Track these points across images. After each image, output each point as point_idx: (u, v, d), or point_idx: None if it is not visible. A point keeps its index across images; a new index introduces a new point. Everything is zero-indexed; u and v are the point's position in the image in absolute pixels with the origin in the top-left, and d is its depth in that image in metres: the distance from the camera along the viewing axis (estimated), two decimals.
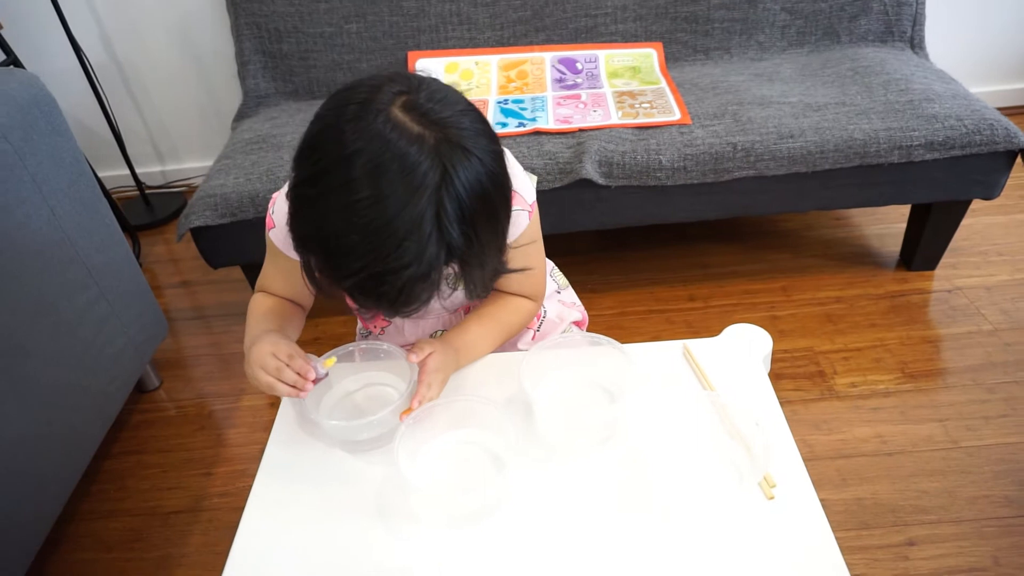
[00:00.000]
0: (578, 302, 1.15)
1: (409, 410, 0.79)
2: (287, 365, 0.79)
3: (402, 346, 0.88)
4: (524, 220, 0.88)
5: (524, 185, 0.88)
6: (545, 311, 1.07)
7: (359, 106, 0.64)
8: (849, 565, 0.66)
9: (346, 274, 0.66)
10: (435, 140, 0.63)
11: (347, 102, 0.65)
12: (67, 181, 1.35)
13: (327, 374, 0.82)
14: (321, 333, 1.89)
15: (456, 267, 0.69)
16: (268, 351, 0.80)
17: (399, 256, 0.63)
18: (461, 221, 0.64)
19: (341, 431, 0.82)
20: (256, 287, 0.97)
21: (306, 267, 0.72)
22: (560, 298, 1.12)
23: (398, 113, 0.64)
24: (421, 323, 1.01)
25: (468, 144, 0.65)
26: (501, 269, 0.77)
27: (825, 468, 1.39)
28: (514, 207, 0.85)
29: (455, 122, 0.65)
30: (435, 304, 0.96)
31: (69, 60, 2.17)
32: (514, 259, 0.88)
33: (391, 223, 0.62)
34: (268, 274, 0.95)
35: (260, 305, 0.93)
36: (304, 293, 0.96)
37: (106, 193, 2.21)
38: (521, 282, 0.95)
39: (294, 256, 0.89)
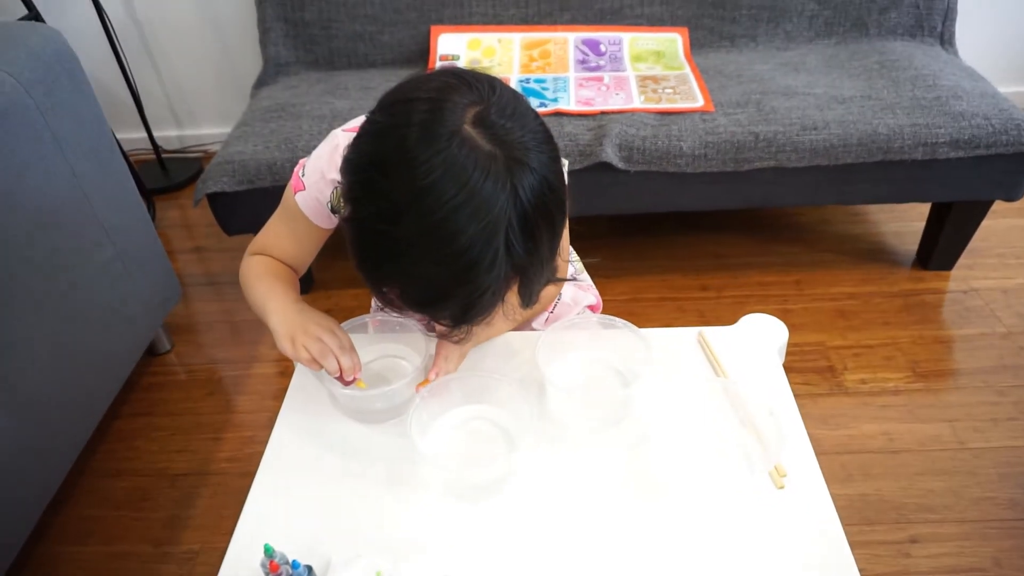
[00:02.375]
0: (593, 286, 1.15)
1: (426, 381, 0.80)
2: (336, 355, 0.79)
3: (419, 320, 0.88)
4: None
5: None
6: (560, 293, 1.07)
7: (426, 120, 0.60)
8: None
9: (438, 312, 0.67)
10: (504, 159, 0.61)
11: (410, 113, 0.61)
12: (88, 140, 1.35)
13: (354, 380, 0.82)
14: (334, 305, 1.89)
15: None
16: (329, 328, 0.80)
17: (483, 285, 0.63)
18: (526, 239, 0.63)
19: (355, 400, 0.83)
20: (255, 248, 0.94)
21: (378, 292, 0.70)
22: (576, 281, 1.12)
23: (469, 131, 0.60)
24: None
25: (533, 159, 0.63)
26: (553, 278, 0.75)
27: (831, 463, 1.39)
28: None
29: (523, 139, 0.63)
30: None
31: (89, 17, 2.15)
32: None
33: (476, 259, 0.61)
34: (277, 234, 0.92)
35: (272, 268, 0.91)
36: (309, 260, 0.95)
37: (124, 155, 2.22)
38: None
39: (318, 223, 0.89)
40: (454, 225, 0.59)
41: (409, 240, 0.61)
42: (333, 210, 0.87)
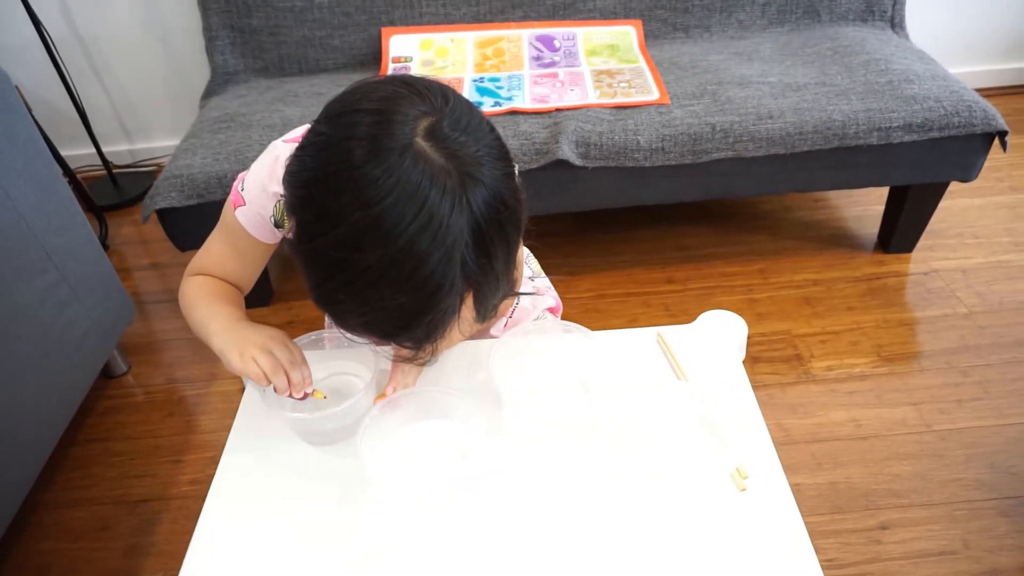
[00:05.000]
0: (552, 287, 1.13)
1: (383, 395, 0.78)
2: (286, 370, 0.76)
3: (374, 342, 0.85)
4: None
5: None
6: (518, 298, 1.05)
7: (375, 133, 0.57)
8: (822, 549, 0.65)
9: (403, 339, 0.64)
10: (458, 174, 0.58)
11: (356, 125, 0.58)
12: (22, 161, 1.30)
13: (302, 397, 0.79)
14: (294, 316, 1.85)
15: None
16: (279, 340, 0.78)
17: (445, 306, 0.60)
18: (480, 255, 0.60)
19: (305, 423, 0.80)
20: (194, 268, 0.89)
21: (340, 323, 0.66)
22: (534, 285, 1.10)
23: (422, 144, 0.57)
24: None
25: (487, 175, 0.59)
26: (509, 292, 0.72)
27: (800, 452, 1.39)
28: None
29: (478, 154, 0.60)
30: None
31: (28, 34, 2.08)
32: None
33: (440, 282, 0.58)
34: (219, 253, 0.88)
35: (213, 288, 0.87)
36: (253, 277, 0.91)
37: (70, 173, 2.15)
38: None
39: (262, 238, 0.86)
40: (418, 251, 0.56)
41: (373, 270, 0.57)
42: (277, 224, 0.84)
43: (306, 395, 0.77)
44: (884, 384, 1.53)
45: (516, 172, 0.68)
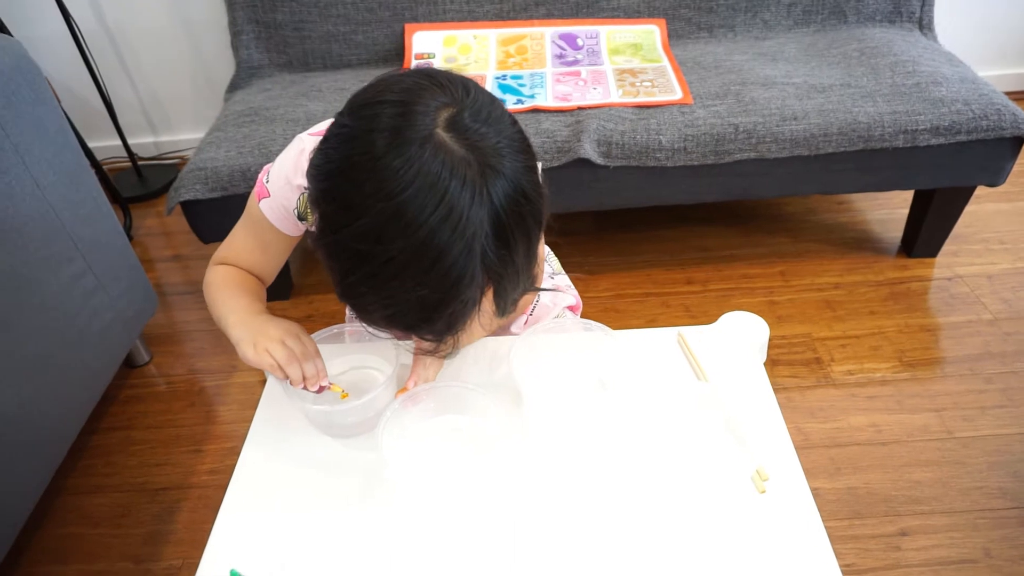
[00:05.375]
0: (572, 286, 1.13)
1: (404, 390, 0.78)
2: (300, 361, 0.76)
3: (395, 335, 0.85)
4: None
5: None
6: (539, 295, 1.05)
7: (396, 124, 0.57)
8: (841, 554, 0.64)
9: (425, 331, 0.64)
10: (478, 165, 0.58)
11: (379, 117, 0.58)
12: (51, 152, 1.31)
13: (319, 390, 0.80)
14: (314, 311, 1.86)
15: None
16: (294, 333, 0.78)
17: (466, 298, 0.61)
18: (500, 247, 0.60)
19: (327, 415, 0.81)
20: (218, 258, 0.90)
21: (362, 316, 0.67)
22: (554, 283, 1.10)
23: (442, 135, 0.57)
24: None
25: (507, 167, 0.59)
26: (529, 287, 0.72)
27: (819, 456, 1.38)
28: None
29: (499, 145, 0.60)
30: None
31: (58, 26, 2.12)
32: None
33: (461, 274, 0.58)
34: (242, 243, 0.89)
35: (235, 278, 0.88)
36: (276, 268, 0.93)
37: (96, 164, 2.18)
38: None
39: (285, 231, 0.87)
40: (439, 242, 0.56)
41: (395, 262, 0.57)
42: (300, 217, 0.85)
43: (322, 388, 0.78)
44: (905, 389, 1.51)
45: (539, 167, 0.68)
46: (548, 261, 1.10)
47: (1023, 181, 2.09)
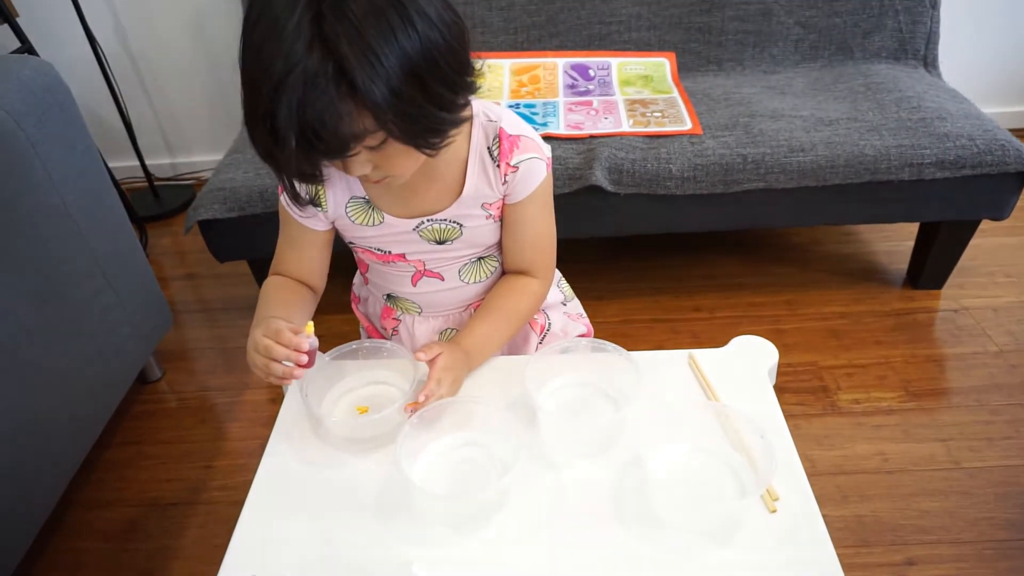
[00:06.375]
0: (584, 315, 1.14)
1: (416, 403, 0.78)
2: (276, 342, 0.77)
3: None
4: (542, 171, 0.88)
5: (538, 139, 0.88)
6: (550, 322, 1.07)
7: None
8: None
9: (280, 143, 0.65)
10: None
11: None
12: (78, 170, 1.35)
13: (317, 344, 0.80)
14: (326, 330, 1.87)
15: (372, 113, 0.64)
16: (260, 333, 0.78)
17: (292, 65, 0.61)
18: (339, 17, 0.61)
19: (344, 428, 0.82)
20: (271, 269, 0.95)
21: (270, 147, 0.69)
22: (566, 310, 1.11)
23: None
24: (430, 321, 1.01)
25: None
26: (438, 119, 0.70)
27: (826, 484, 1.38)
28: (530, 154, 0.86)
29: None
30: (444, 294, 0.96)
31: (83, 50, 2.18)
32: (524, 217, 0.90)
33: (284, 24, 0.62)
34: (281, 249, 0.94)
35: (270, 288, 0.92)
36: (319, 268, 0.95)
37: (115, 183, 2.22)
38: (527, 252, 0.94)
39: (307, 222, 0.90)
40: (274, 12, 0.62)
41: (252, 45, 0.65)
42: (313, 203, 0.87)
43: (311, 350, 0.78)
44: (912, 419, 1.52)
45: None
46: (559, 287, 1.12)
47: None
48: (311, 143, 0.65)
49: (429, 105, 0.68)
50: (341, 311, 1.92)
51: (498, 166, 0.86)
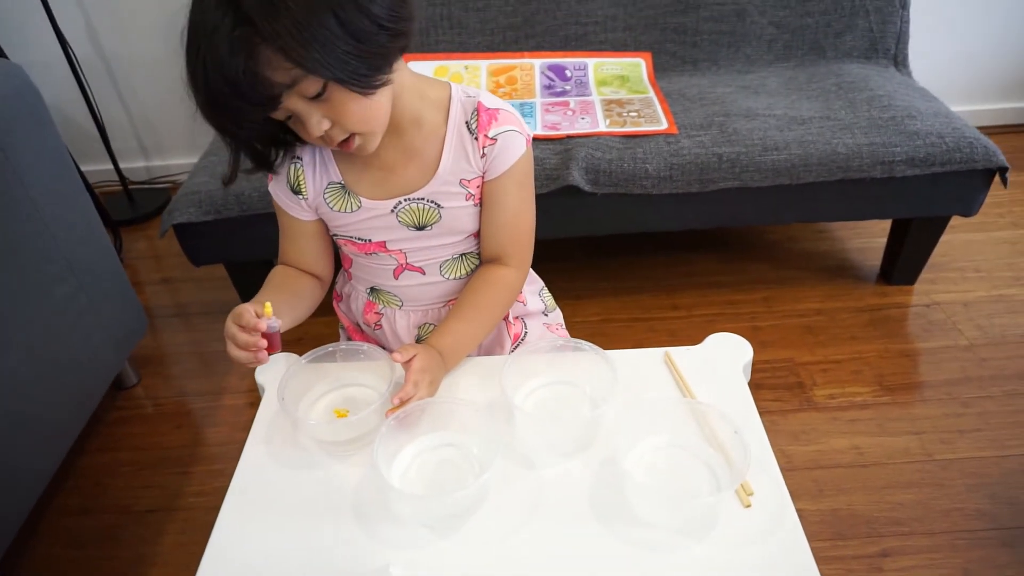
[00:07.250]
0: (563, 325, 1.14)
1: (394, 408, 0.78)
2: (237, 324, 0.77)
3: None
4: (521, 145, 0.88)
5: (518, 116, 0.89)
6: (527, 331, 1.07)
7: None
8: (824, 575, 0.66)
9: (195, 90, 0.71)
10: None
11: None
12: (49, 174, 1.33)
13: (279, 326, 0.80)
14: (304, 333, 1.86)
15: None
16: (230, 320, 0.79)
17: (196, 36, 0.68)
18: None
19: (322, 431, 0.82)
20: (278, 259, 0.98)
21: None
22: (546, 320, 1.11)
23: None
24: (411, 315, 1.01)
25: None
26: (359, 51, 0.69)
27: (802, 478, 1.40)
28: (509, 126, 0.86)
29: None
30: (425, 288, 0.97)
31: (54, 52, 2.14)
32: (502, 194, 0.89)
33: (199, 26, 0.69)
34: (280, 240, 0.96)
35: (270, 276, 0.94)
36: (318, 257, 0.96)
37: (88, 188, 2.19)
38: (503, 234, 0.93)
39: (293, 212, 0.91)
40: None
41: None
42: (294, 190, 0.88)
43: (269, 332, 0.78)
44: (886, 413, 1.54)
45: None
46: (542, 298, 1.11)
47: (996, 212, 2.16)
48: (240, 94, 0.69)
49: (347, 36, 0.68)
50: (321, 313, 1.92)
51: (476, 139, 0.86)
